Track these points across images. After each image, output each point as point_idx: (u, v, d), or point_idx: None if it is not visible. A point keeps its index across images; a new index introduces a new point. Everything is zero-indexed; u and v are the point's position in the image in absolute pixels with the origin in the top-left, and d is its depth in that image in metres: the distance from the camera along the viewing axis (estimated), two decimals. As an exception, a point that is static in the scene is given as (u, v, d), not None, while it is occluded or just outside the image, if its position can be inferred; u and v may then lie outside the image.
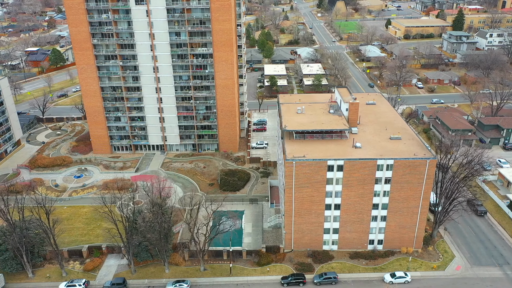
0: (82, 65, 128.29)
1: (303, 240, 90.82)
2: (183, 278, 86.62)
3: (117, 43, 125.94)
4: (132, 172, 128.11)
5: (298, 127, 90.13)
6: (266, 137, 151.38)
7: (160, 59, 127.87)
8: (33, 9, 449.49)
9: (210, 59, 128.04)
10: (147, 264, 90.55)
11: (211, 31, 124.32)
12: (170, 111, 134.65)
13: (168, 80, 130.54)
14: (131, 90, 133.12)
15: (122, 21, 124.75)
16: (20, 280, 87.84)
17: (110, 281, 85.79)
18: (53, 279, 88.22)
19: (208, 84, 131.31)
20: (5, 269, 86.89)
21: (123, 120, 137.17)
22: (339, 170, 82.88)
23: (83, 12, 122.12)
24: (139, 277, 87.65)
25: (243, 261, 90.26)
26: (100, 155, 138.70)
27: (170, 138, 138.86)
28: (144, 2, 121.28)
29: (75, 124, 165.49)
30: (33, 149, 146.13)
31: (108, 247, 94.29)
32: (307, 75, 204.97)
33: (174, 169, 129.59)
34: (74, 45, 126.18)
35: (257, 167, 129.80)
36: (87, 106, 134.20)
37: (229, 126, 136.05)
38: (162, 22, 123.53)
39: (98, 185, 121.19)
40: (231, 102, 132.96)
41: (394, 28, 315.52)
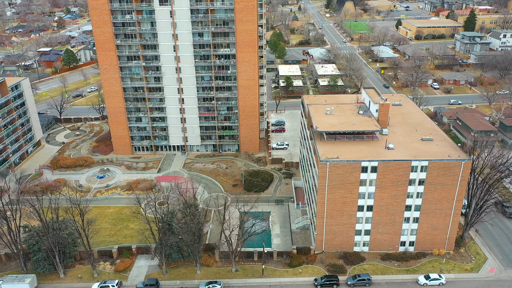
0: (105, 66, 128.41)
1: (334, 241, 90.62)
2: (215, 279, 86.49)
3: (140, 43, 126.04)
4: (155, 173, 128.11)
5: (330, 128, 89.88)
6: (285, 138, 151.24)
7: (182, 60, 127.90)
8: (42, 9, 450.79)
9: (233, 59, 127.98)
10: (178, 265, 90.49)
11: (234, 32, 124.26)
12: (192, 111, 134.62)
13: (190, 81, 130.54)
14: (153, 90, 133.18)
15: (146, 22, 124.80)
16: (52, 281, 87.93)
17: (142, 282, 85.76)
18: (85, 279, 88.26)
19: (230, 85, 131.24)
20: (38, 269, 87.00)
21: (144, 120, 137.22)
22: (373, 172, 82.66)
23: (107, 12, 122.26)
24: (171, 278, 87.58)
25: (274, 262, 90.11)
26: (121, 156, 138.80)
27: (191, 139, 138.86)
28: (168, 3, 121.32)
29: (93, 125, 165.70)
30: (53, 150, 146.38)
31: (138, 248, 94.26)
32: (322, 76, 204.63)
33: (196, 169, 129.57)
34: (97, 45, 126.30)
35: (279, 168, 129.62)
36: (109, 107, 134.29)
37: (250, 127, 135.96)
38: (185, 22, 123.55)
39: (121, 186, 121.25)
40: (252, 103, 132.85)
41: (405, 29, 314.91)
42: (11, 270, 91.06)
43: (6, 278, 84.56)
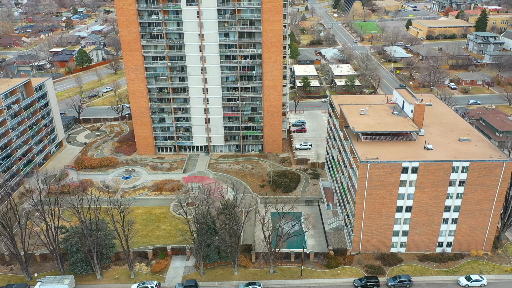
0: (131, 66, 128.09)
1: (371, 242, 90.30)
2: (253, 280, 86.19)
3: (166, 44, 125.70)
4: (180, 173, 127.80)
5: (367, 129, 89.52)
6: (307, 138, 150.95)
7: (208, 60, 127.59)
8: (49, 9, 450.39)
9: (258, 60, 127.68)
10: (214, 266, 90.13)
11: (260, 32, 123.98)
12: (216, 112, 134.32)
13: (215, 81, 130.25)
14: (177, 91, 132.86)
15: (172, 22, 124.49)
16: (89, 282, 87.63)
17: (181, 283, 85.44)
18: (122, 280, 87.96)
19: (254, 85, 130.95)
20: (75, 270, 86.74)
21: (167, 121, 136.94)
22: (413, 172, 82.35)
23: (133, 13, 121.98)
24: (208, 279, 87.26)
25: (311, 263, 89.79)
26: (145, 156, 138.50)
27: (214, 139, 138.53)
28: (195, 3, 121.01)
29: (113, 125, 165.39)
30: (75, 150, 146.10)
31: (173, 249, 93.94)
32: (338, 76, 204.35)
33: (221, 170, 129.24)
34: (123, 46, 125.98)
35: (305, 168, 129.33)
36: (133, 107, 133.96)
37: (274, 127, 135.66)
38: (212, 23, 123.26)
39: (148, 186, 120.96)
40: (277, 103, 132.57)
41: (415, 29, 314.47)
42: (47, 271, 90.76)
43: (45, 279, 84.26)
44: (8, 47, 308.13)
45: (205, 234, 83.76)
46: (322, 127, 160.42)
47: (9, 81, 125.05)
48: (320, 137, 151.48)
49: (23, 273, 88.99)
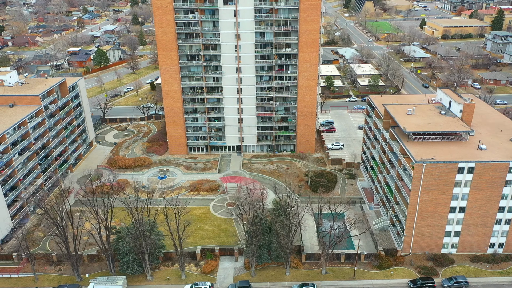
0: (166, 66, 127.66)
1: (422, 243, 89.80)
2: (305, 281, 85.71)
3: (202, 43, 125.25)
4: (215, 173, 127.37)
5: (417, 129, 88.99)
6: (337, 138, 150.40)
7: (243, 60, 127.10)
8: (59, 9, 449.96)
9: (293, 59, 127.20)
10: (265, 266, 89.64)
11: (297, 32, 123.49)
12: (250, 112, 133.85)
13: (250, 81, 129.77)
14: (211, 90, 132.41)
15: (208, 22, 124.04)
16: (139, 283, 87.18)
17: (234, 284, 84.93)
18: (172, 281, 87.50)
19: (289, 85, 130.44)
20: (127, 271, 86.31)
21: (200, 121, 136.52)
22: (469, 173, 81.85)
23: (170, 12, 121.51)
24: (260, 280, 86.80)
25: (362, 264, 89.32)
26: (176, 156, 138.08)
27: (247, 139, 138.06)
28: (233, 2, 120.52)
29: (140, 125, 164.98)
30: (105, 150, 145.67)
31: (221, 249, 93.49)
32: (361, 76, 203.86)
33: (256, 170, 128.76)
34: (159, 45, 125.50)
35: (340, 168, 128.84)
36: (167, 107, 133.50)
37: (307, 127, 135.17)
38: (249, 22, 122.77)
39: (185, 187, 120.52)
40: (311, 103, 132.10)
41: (430, 28, 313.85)
42: (95, 271, 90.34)
43: (98, 279, 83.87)
44: (23, 46, 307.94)
45: (257, 234, 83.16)
46: (350, 127, 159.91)
47: (45, 81, 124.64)
48: (350, 137, 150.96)
49: (73, 274, 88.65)
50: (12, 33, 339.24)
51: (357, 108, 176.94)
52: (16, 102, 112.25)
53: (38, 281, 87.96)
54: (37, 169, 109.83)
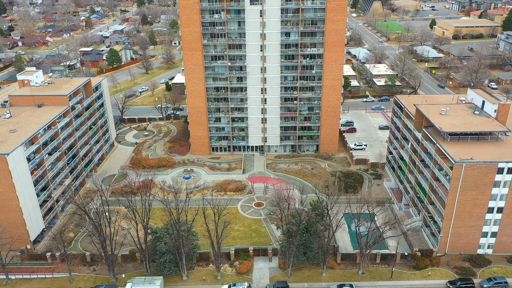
0: (190, 66, 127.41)
1: (458, 243, 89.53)
2: (342, 282, 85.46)
3: (227, 43, 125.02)
4: (240, 173, 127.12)
5: (453, 129, 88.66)
6: (358, 138, 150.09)
7: (268, 60, 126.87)
8: (66, 9, 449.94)
9: (318, 59, 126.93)
10: (300, 267, 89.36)
11: (322, 32, 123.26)
12: (274, 112, 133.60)
13: (274, 81, 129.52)
14: (234, 90, 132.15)
15: (233, 21, 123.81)
16: (175, 283, 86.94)
17: (272, 284, 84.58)
18: (208, 281, 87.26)
19: (313, 85, 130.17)
20: (163, 271, 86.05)
21: (223, 121, 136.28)
22: (508, 173, 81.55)
23: (196, 12, 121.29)
24: (297, 281, 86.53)
25: (398, 264, 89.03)
26: (199, 156, 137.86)
27: (270, 139, 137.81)
28: (259, 2, 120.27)
29: (159, 125, 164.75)
30: (127, 150, 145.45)
31: (255, 250, 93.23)
32: (377, 76, 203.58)
33: (281, 170, 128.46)
34: (184, 45, 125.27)
35: (365, 168, 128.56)
36: (191, 107, 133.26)
37: (331, 127, 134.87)
38: (275, 22, 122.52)
39: (211, 187, 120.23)
40: (335, 103, 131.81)
41: (441, 29, 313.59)
42: (129, 271, 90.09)
43: (135, 280, 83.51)
44: (33, 46, 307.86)
45: (296, 235, 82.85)
46: (370, 127, 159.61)
47: (70, 81, 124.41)
48: (371, 137, 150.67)
49: (109, 274, 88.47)
50: (21, 33, 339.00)
51: (375, 108, 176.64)
52: (44, 102, 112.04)
53: (74, 281, 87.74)
54: (65, 169, 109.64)
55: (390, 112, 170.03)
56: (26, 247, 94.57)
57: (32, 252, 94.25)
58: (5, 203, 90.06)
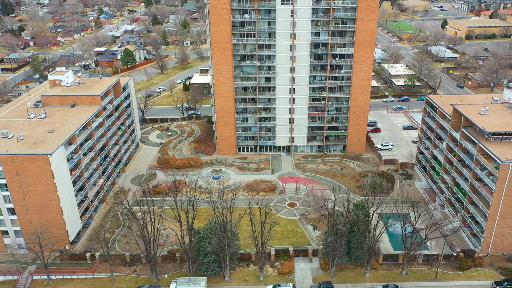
0: (219, 66, 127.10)
1: (501, 244, 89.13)
2: (386, 282, 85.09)
3: (257, 43, 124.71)
4: (269, 174, 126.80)
5: (496, 129, 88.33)
6: (383, 138, 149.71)
7: (298, 60, 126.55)
8: (74, 9, 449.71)
9: (348, 59, 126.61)
10: (341, 268, 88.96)
11: (352, 31, 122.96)
12: (301, 112, 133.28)
13: (303, 81, 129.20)
14: (262, 90, 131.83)
15: (263, 21, 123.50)
16: (218, 284, 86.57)
17: (315, 285, 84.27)
18: (251, 282, 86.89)
19: (341, 84, 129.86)
20: (207, 272, 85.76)
21: (250, 121, 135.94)
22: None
23: (227, 12, 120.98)
24: (340, 281, 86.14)
25: (441, 265, 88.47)
26: (226, 156, 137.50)
27: (297, 139, 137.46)
28: (290, 2, 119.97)
29: (182, 125, 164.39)
30: (152, 150, 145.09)
31: (295, 250, 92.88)
32: (395, 76, 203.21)
33: (310, 170, 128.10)
34: (214, 45, 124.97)
35: (394, 169, 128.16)
36: (218, 107, 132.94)
37: (359, 127, 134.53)
38: (305, 22, 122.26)
39: (242, 187, 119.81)
40: (364, 103, 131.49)
41: (453, 29, 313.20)
42: (170, 272, 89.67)
43: (179, 280, 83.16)
44: (45, 46, 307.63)
45: (342, 235, 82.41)
46: (393, 127, 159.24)
47: (100, 81, 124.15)
48: (396, 137, 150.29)
49: (150, 274, 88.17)
50: (31, 33, 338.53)
51: (396, 108, 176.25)
52: (77, 102, 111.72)
53: (115, 282, 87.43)
54: (99, 170, 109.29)
55: (412, 112, 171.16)
56: (65, 247, 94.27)
57: (71, 253, 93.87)
58: (46, 203, 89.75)
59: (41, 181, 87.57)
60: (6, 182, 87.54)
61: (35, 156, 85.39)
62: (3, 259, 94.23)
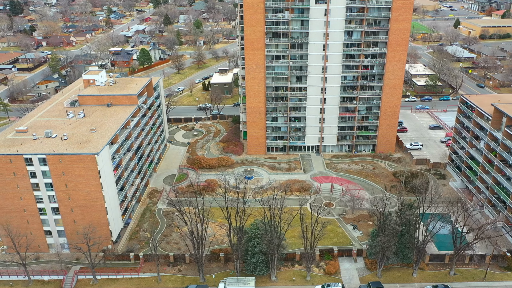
0: (251, 65, 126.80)
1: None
2: (435, 282, 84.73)
3: (290, 42, 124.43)
4: (301, 173, 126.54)
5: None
6: (411, 138, 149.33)
7: (330, 59, 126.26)
8: (84, 9, 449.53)
9: (380, 59, 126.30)
10: (388, 268, 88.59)
11: (386, 31, 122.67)
12: (332, 111, 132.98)
13: (335, 80, 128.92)
14: (293, 90, 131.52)
15: (296, 21, 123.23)
16: (264, 284, 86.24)
17: (364, 285, 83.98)
18: (298, 282, 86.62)
19: (373, 84, 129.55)
20: (254, 272, 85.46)
21: (280, 120, 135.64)
22: None
23: (261, 11, 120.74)
24: (388, 281, 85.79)
25: (487, 265, 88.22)
26: (256, 156, 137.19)
27: (327, 139, 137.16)
28: (324, 1, 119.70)
29: (207, 125, 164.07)
30: (180, 150, 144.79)
31: (339, 250, 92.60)
32: (416, 76, 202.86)
33: (341, 170, 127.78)
34: (246, 44, 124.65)
35: (427, 168, 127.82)
36: (249, 107, 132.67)
37: (389, 127, 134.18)
38: (339, 21, 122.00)
39: (276, 187, 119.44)
40: (395, 103, 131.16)
41: (466, 28, 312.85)
42: (215, 272, 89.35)
43: (227, 280, 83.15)
44: (58, 46, 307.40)
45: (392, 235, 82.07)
46: (419, 127, 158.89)
47: (133, 81, 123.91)
48: (424, 137, 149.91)
49: (195, 274, 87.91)
50: (43, 33, 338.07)
51: (419, 108, 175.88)
52: (113, 101, 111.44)
53: (161, 282, 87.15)
54: (135, 169, 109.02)
55: (436, 112, 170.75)
56: (107, 247, 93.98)
57: (114, 253, 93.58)
58: (91, 203, 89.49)
59: (87, 180, 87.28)
60: (52, 182, 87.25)
61: (82, 156, 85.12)
62: (46, 259, 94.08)
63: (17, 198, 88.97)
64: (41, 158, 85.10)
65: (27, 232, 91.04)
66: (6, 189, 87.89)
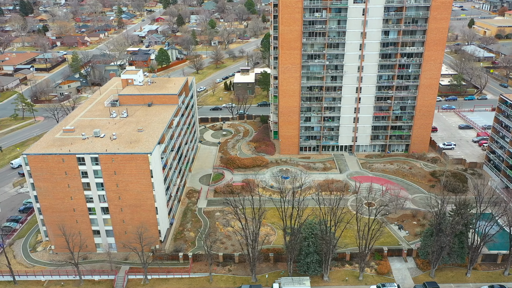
0: (287, 65, 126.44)
1: None
2: (491, 283, 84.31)
3: (327, 42, 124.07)
4: (337, 173, 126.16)
5: None
6: (442, 137, 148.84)
7: (366, 59, 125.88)
8: (94, 9, 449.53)
9: (416, 58, 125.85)
10: (440, 268, 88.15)
11: (423, 30, 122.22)
12: (366, 111, 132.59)
13: (370, 80, 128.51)
14: (328, 89, 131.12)
15: (333, 20, 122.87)
16: (317, 283, 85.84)
17: (419, 285, 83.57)
18: (350, 282, 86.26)
19: (408, 84, 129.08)
20: (308, 272, 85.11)
21: (313, 120, 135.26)
22: None
23: (299, 10, 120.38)
24: (441, 281, 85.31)
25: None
26: (289, 156, 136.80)
27: (360, 139, 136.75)
28: (363, 1, 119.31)
29: (234, 125, 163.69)
30: (211, 149, 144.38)
31: (389, 250, 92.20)
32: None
33: (377, 170, 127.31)
34: (282, 44, 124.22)
35: (463, 168, 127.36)
36: (282, 106, 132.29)
37: (424, 126, 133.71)
38: (377, 20, 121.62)
39: (314, 187, 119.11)
40: (431, 102, 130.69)
41: (481, 28, 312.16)
42: (264, 272, 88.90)
43: (282, 280, 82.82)
44: (73, 46, 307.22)
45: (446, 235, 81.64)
46: (449, 127, 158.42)
47: (170, 80, 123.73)
48: (455, 137, 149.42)
49: (247, 274, 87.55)
50: (56, 33, 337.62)
51: (446, 108, 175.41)
52: (153, 101, 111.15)
53: (213, 282, 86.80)
54: (177, 169, 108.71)
55: (464, 111, 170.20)
56: (155, 247, 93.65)
57: (162, 253, 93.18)
58: (141, 202, 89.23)
59: (138, 180, 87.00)
60: (103, 181, 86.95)
61: (134, 155, 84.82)
62: (93, 259, 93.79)
63: (67, 198, 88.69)
64: (94, 157, 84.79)
65: (76, 232, 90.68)
66: (57, 189, 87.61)
